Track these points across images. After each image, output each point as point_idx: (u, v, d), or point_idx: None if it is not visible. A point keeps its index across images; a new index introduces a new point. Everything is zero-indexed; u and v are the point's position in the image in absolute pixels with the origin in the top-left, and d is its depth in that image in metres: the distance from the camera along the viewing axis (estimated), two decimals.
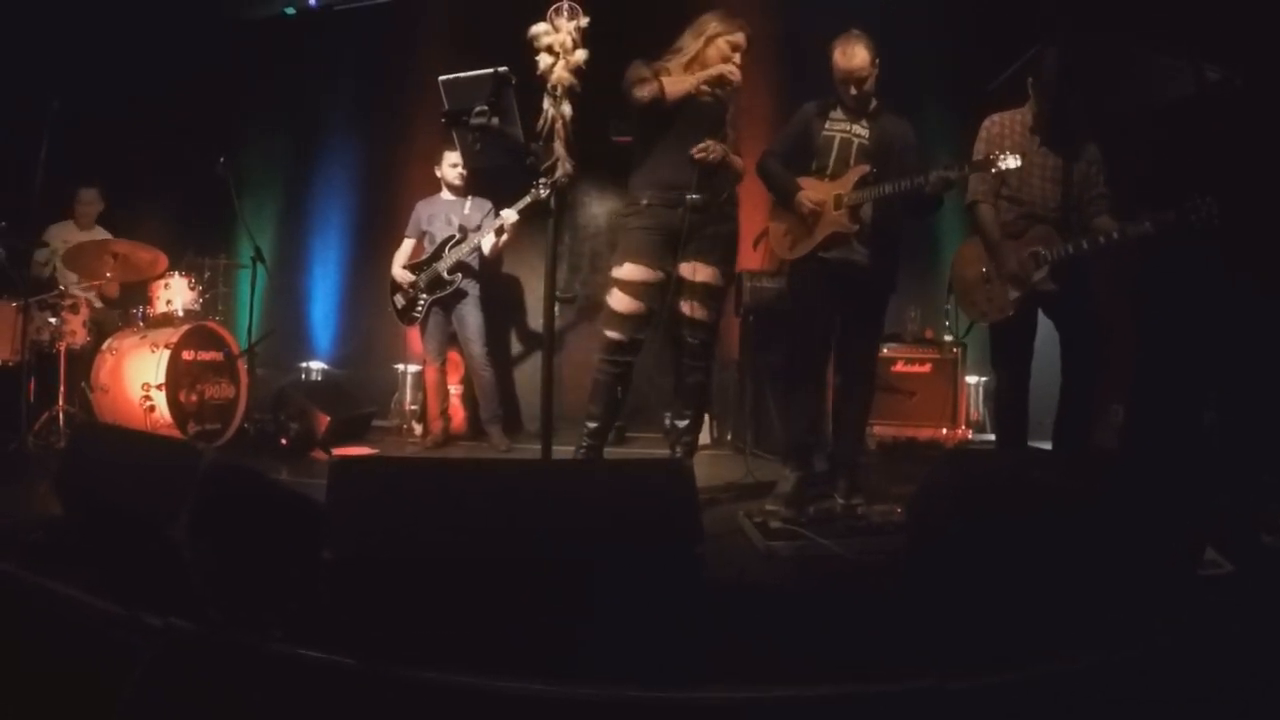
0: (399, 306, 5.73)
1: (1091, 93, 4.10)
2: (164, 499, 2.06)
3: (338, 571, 1.86)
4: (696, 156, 3.66)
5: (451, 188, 5.74)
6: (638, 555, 1.96)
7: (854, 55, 3.59)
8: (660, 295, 3.77)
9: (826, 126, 3.76)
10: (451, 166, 5.67)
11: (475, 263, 5.62)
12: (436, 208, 5.76)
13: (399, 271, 5.70)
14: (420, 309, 5.60)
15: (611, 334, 3.81)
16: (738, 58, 3.77)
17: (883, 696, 1.75)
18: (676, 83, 3.69)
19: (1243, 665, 1.91)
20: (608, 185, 6.69)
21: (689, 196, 3.68)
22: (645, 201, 3.77)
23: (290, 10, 7.39)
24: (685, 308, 3.80)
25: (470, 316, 5.62)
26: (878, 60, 3.64)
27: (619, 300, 3.78)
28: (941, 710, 1.73)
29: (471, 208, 5.67)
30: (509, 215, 5.34)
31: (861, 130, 3.73)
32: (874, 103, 3.75)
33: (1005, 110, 3.88)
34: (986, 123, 3.88)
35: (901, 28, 4.94)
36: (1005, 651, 1.84)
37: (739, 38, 3.77)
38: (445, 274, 5.52)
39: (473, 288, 5.64)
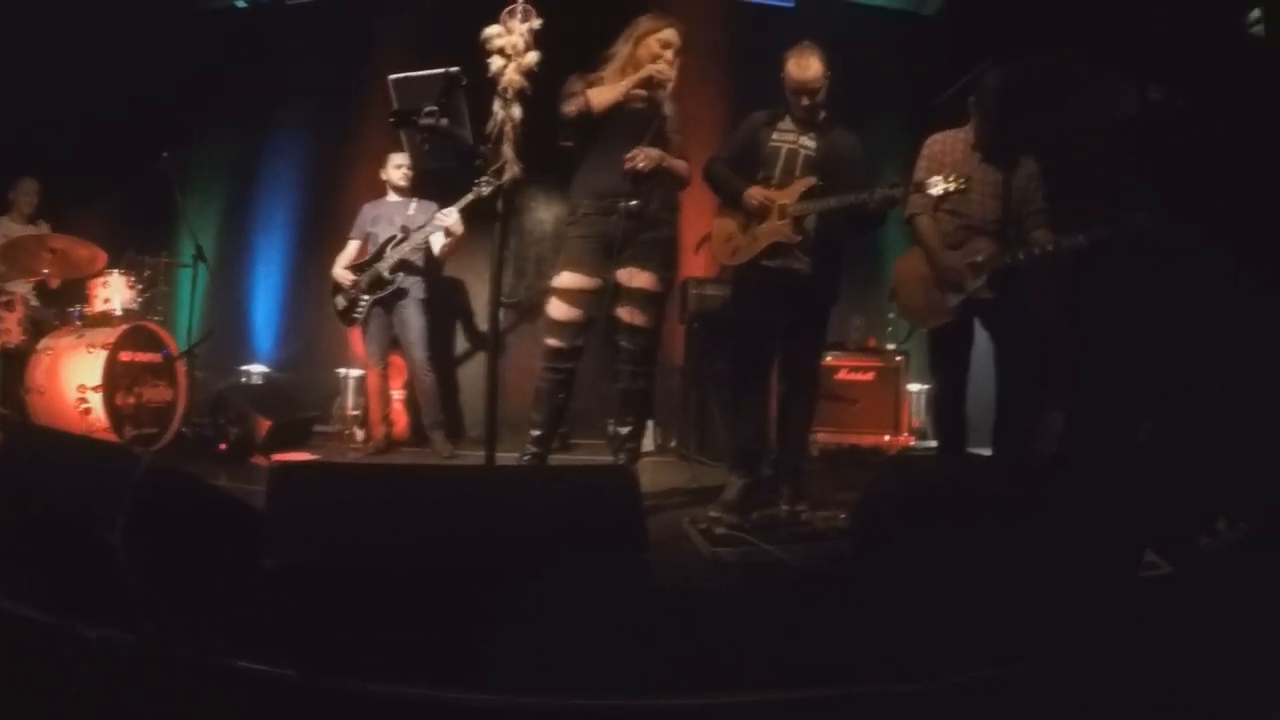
0: (340, 307, 5.64)
1: (1032, 110, 4.18)
2: (99, 503, 2.01)
3: (277, 580, 1.82)
4: (626, 166, 3.65)
5: (397, 189, 5.69)
6: (582, 562, 1.95)
7: (808, 66, 3.61)
8: (599, 302, 3.75)
9: (774, 137, 3.78)
10: (396, 168, 5.62)
11: (420, 260, 5.55)
12: (382, 210, 5.70)
13: (340, 272, 5.61)
14: (361, 310, 5.52)
15: (552, 341, 3.80)
16: (669, 54, 3.75)
17: (828, 701, 1.76)
18: (603, 93, 3.69)
19: (1181, 669, 1.96)
20: (554, 190, 6.66)
21: (622, 204, 3.67)
22: (582, 210, 3.77)
23: (242, 3, 7.26)
24: (623, 313, 3.78)
25: (412, 319, 5.54)
26: (829, 73, 3.67)
27: (557, 308, 3.77)
28: (887, 715, 1.75)
29: (417, 210, 5.60)
30: (450, 213, 5.27)
31: (809, 142, 3.75)
32: (823, 115, 3.77)
33: (948, 129, 3.95)
34: (929, 141, 3.97)
35: (853, 41, 4.98)
36: (949, 657, 1.86)
37: (668, 34, 3.75)
38: (386, 273, 5.44)
39: (415, 286, 5.55)
